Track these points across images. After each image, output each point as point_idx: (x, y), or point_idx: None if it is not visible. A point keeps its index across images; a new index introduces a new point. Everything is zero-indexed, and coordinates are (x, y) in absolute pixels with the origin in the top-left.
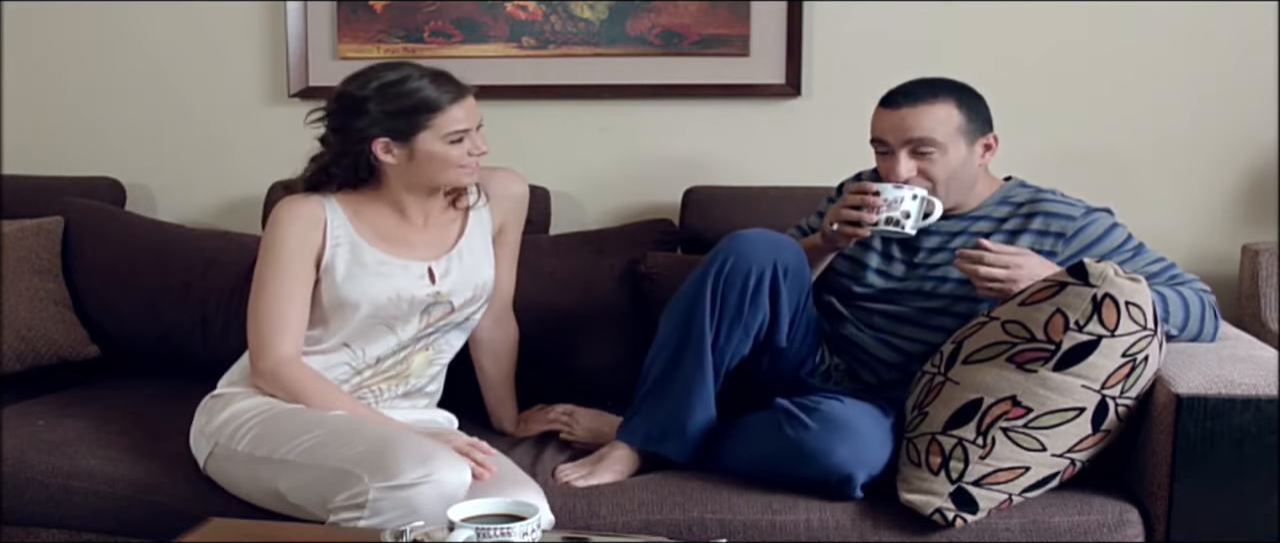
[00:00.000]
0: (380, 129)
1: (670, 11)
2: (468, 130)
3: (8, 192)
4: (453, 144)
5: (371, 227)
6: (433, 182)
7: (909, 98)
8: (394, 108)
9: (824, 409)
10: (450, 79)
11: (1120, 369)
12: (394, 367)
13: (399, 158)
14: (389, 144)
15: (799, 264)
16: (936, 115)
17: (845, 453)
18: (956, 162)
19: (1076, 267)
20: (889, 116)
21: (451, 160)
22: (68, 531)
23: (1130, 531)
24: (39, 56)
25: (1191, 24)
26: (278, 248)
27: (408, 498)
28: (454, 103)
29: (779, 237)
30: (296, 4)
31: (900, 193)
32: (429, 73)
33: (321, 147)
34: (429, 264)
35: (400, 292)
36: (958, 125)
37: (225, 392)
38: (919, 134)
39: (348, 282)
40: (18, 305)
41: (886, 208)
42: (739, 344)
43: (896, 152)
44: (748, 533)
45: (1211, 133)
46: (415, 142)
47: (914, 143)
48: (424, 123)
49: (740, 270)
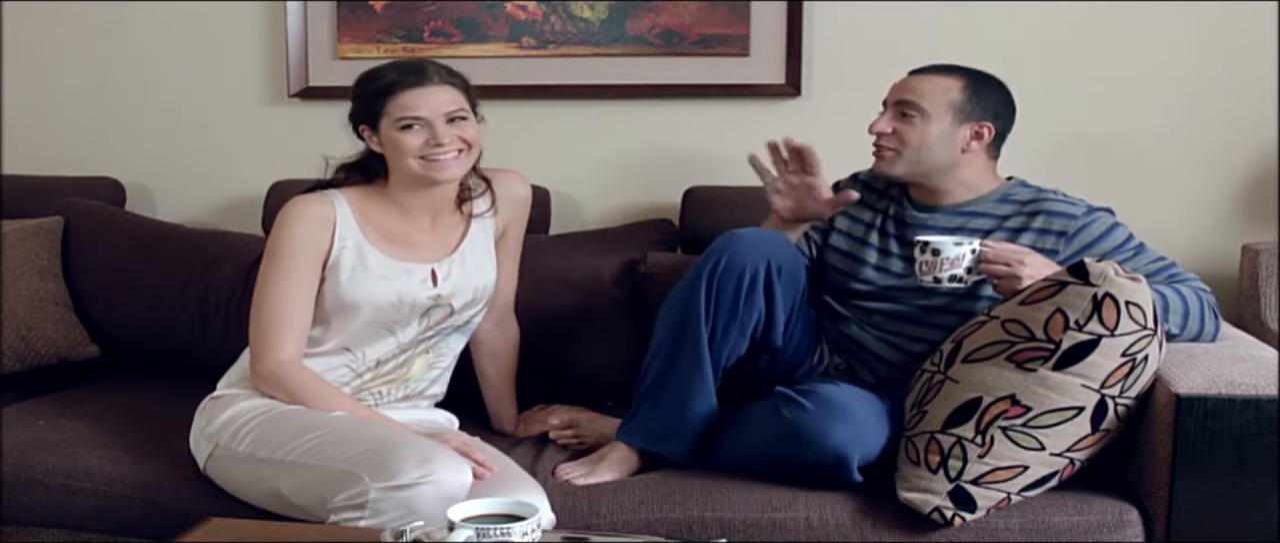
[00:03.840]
0: (361, 116)
1: (670, 11)
2: (420, 118)
3: (8, 192)
4: (401, 130)
5: (377, 228)
6: (401, 171)
7: (930, 67)
8: (364, 92)
9: (820, 392)
10: (423, 68)
11: (1120, 369)
12: (394, 370)
13: (381, 147)
14: (369, 132)
15: (793, 262)
16: (937, 85)
17: (841, 434)
18: (934, 134)
19: (1077, 266)
20: (902, 80)
21: (402, 148)
22: (68, 531)
23: (1130, 530)
24: (39, 56)
25: (1192, 23)
26: (284, 248)
27: (408, 499)
28: (408, 89)
29: (772, 234)
30: (296, 4)
31: (960, 250)
32: (412, 62)
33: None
34: (432, 266)
35: (402, 295)
36: (952, 100)
37: (225, 393)
38: (911, 96)
39: (351, 284)
40: (18, 305)
41: (949, 265)
42: (736, 343)
43: (888, 109)
44: (747, 532)
45: (1211, 133)
46: (380, 127)
47: (902, 104)
48: (380, 108)
49: (734, 269)
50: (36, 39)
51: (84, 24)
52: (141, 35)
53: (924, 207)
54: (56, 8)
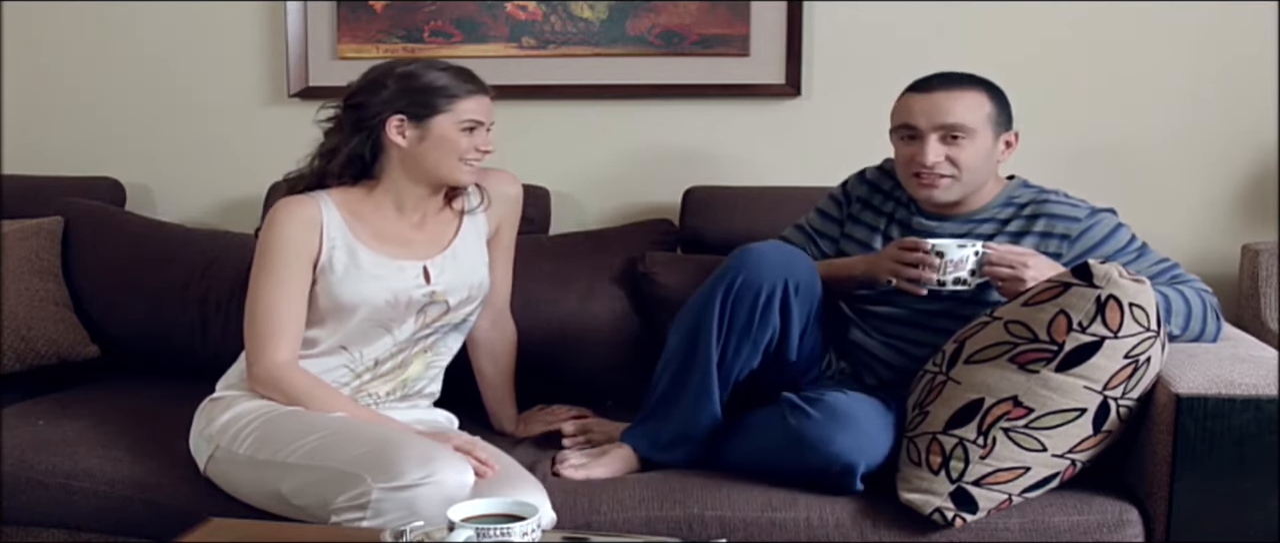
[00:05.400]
0: (397, 106)
1: (670, 11)
2: (481, 124)
3: (8, 192)
4: (464, 131)
5: (368, 226)
6: (436, 170)
7: (944, 83)
8: (415, 86)
9: (826, 400)
10: (474, 74)
11: (1123, 370)
12: (393, 370)
13: (410, 140)
14: (403, 123)
15: (810, 279)
16: (970, 101)
17: (846, 442)
18: (984, 151)
19: (1080, 268)
20: (921, 101)
21: (459, 149)
22: (68, 531)
23: (1130, 530)
24: (39, 56)
25: (1191, 24)
26: (273, 251)
27: (410, 499)
28: (480, 94)
29: (792, 252)
30: (296, 4)
31: (964, 252)
32: (454, 66)
33: (325, 137)
34: (424, 263)
35: (397, 293)
36: (989, 114)
37: (224, 395)
38: (953, 119)
39: (344, 284)
40: (18, 305)
41: (953, 268)
42: (748, 359)
43: (926, 136)
44: (747, 531)
45: (1211, 133)
46: (430, 122)
47: (947, 128)
48: (442, 106)
49: (751, 286)
50: (37, 39)
51: (84, 24)
52: (142, 35)
53: (935, 215)
54: (56, 8)
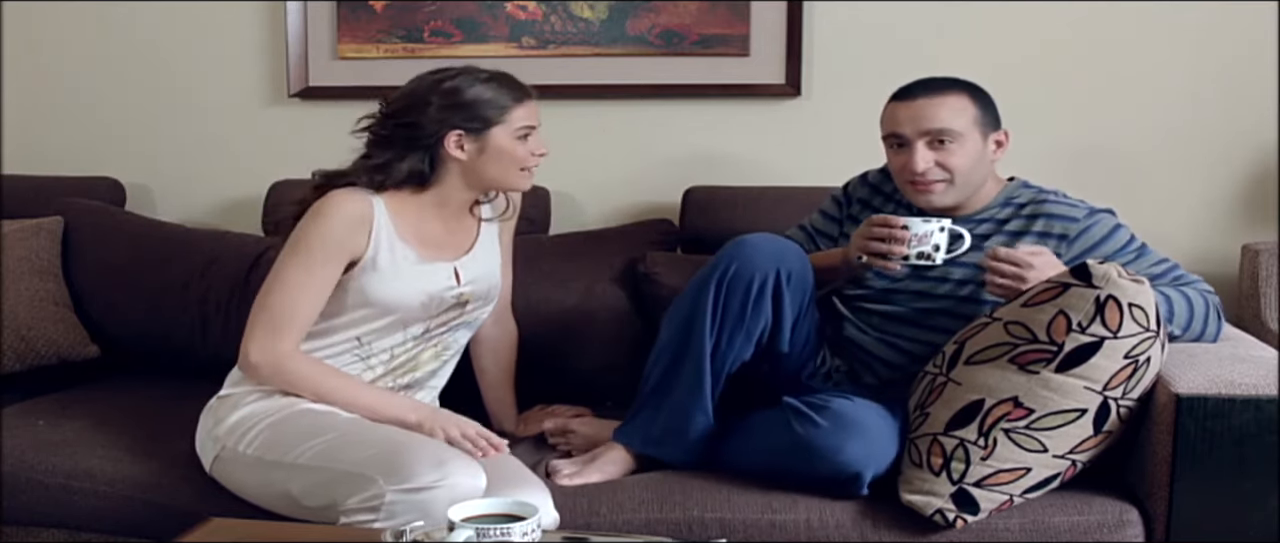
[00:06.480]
0: (452, 123)
1: (670, 11)
2: (534, 128)
3: (8, 192)
4: (520, 139)
5: (411, 227)
6: (496, 178)
7: (925, 89)
8: (462, 100)
9: (834, 407)
10: (515, 79)
11: (1123, 371)
12: (405, 364)
13: (469, 153)
14: (462, 138)
15: (802, 269)
16: (953, 105)
17: (855, 450)
18: (974, 153)
19: (1079, 268)
20: (906, 109)
21: (519, 157)
22: (68, 531)
23: (1130, 531)
24: (39, 56)
25: (1191, 24)
26: (313, 242)
27: (423, 501)
28: (523, 100)
29: (783, 242)
30: (296, 4)
31: (929, 227)
32: (493, 73)
33: (373, 148)
34: (454, 264)
35: (432, 295)
36: (974, 117)
37: (231, 392)
38: (938, 124)
39: (388, 284)
40: (18, 305)
41: (917, 242)
42: (741, 349)
43: (913, 144)
44: (747, 532)
45: (1211, 133)
46: (487, 135)
47: (933, 134)
48: (496, 118)
49: (743, 276)
50: (37, 39)
51: (84, 24)
52: (142, 35)
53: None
54: (56, 8)
